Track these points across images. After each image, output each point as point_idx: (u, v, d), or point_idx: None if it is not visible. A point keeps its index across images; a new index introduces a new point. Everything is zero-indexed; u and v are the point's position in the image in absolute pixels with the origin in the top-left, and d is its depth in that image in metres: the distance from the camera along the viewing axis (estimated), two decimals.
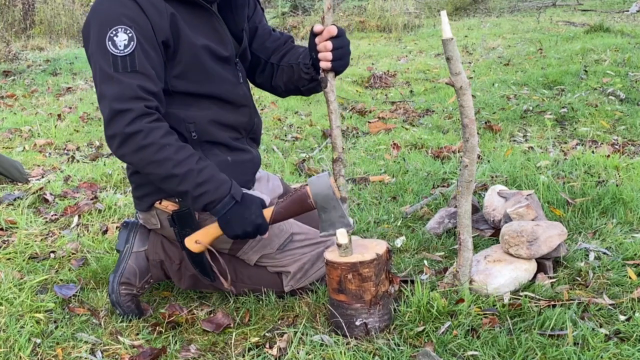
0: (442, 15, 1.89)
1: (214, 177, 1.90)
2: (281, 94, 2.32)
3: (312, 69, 2.07)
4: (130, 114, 1.82)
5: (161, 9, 1.90)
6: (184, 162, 1.87)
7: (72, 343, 1.99)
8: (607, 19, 9.79)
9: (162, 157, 1.85)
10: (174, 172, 1.86)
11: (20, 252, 2.67)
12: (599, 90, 5.05)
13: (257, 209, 1.93)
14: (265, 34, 2.26)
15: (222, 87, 2.07)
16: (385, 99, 5.62)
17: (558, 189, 2.83)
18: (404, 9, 11.72)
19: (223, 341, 1.97)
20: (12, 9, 11.43)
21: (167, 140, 1.86)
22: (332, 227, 1.92)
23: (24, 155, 4.24)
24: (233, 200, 1.91)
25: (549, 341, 1.81)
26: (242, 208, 1.91)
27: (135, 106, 1.83)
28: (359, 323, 1.89)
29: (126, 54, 1.85)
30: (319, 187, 1.90)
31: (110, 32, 1.85)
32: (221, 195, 1.90)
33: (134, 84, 1.84)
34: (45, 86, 7.00)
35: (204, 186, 1.88)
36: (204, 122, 2.04)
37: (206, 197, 1.89)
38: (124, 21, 1.85)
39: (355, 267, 1.86)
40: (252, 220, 1.91)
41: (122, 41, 1.85)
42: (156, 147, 1.84)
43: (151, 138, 1.84)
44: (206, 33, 2.01)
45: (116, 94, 1.84)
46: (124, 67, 1.85)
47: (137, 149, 1.85)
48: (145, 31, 1.88)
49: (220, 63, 2.05)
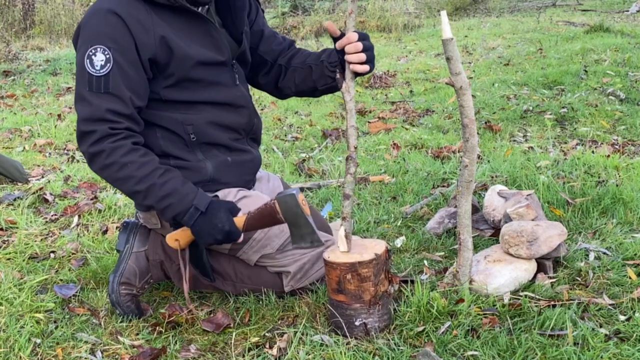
0: (442, 15, 1.90)
1: (177, 190, 1.93)
2: (287, 95, 2.32)
3: (340, 66, 2.05)
4: (94, 135, 1.88)
5: (148, 26, 1.92)
6: (146, 178, 1.90)
7: (72, 343, 1.99)
8: (607, 19, 9.79)
9: (123, 175, 1.90)
10: (136, 189, 1.92)
11: (20, 252, 2.67)
12: (599, 90, 5.05)
13: (224, 215, 1.94)
14: (271, 36, 2.28)
15: (218, 91, 2.07)
16: (385, 99, 5.62)
17: (558, 189, 2.83)
18: (404, 9, 11.73)
19: (223, 341, 1.98)
20: (12, 9, 11.44)
21: (129, 158, 1.90)
22: (302, 240, 1.96)
23: (24, 155, 4.24)
24: (198, 211, 1.93)
25: (549, 341, 1.81)
26: (208, 217, 1.93)
27: (99, 128, 1.88)
28: (358, 323, 1.89)
29: (101, 75, 1.89)
30: (286, 204, 1.93)
31: (90, 51, 1.89)
32: (185, 207, 1.92)
33: (102, 107, 1.88)
34: (45, 86, 7.00)
35: (167, 199, 1.92)
36: (203, 124, 2.05)
37: (171, 210, 1.93)
38: (104, 41, 1.88)
39: (354, 267, 1.86)
40: (220, 228, 1.93)
41: (99, 61, 1.89)
42: (117, 165, 1.89)
43: (112, 157, 1.89)
44: (200, 40, 2.01)
45: (85, 115, 1.90)
46: (97, 88, 1.89)
47: (101, 168, 1.92)
48: (126, 51, 1.90)
49: (215, 68, 2.06)
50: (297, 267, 2.13)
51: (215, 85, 2.06)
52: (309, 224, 1.93)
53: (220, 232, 1.93)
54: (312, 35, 10.49)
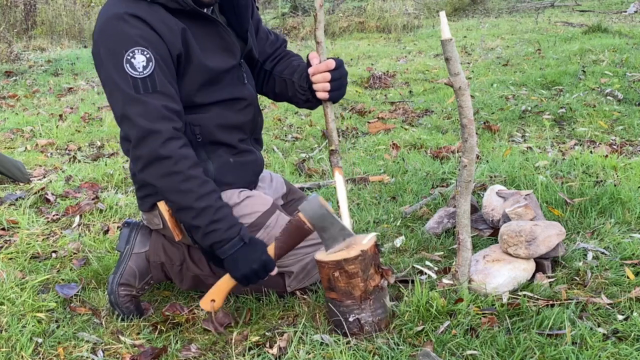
0: (441, 16, 1.91)
1: (228, 217, 1.91)
2: (270, 99, 2.35)
3: (309, 92, 2.11)
4: (161, 135, 1.83)
5: (172, 25, 1.91)
6: (205, 197, 1.88)
7: (73, 342, 2.00)
8: (605, 19, 9.79)
9: (186, 187, 1.86)
10: (193, 205, 1.88)
11: (22, 252, 2.68)
12: (597, 91, 5.06)
13: (262, 247, 1.95)
14: (264, 37, 2.28)
15: (228, 91, 2.08)
16: (384, 100, 5.63)
17: (556, 188, 2.84)
18: (403, 9, 11.74)
19: (223, 340, 1.99)
20: (13, 9, 11.44)
21: (194, 172, 1.87)
22: (335, 241, 1.93)
23: (25, 156, 4.25)
24: (241, 242, 1.92)
25: (547, 340, 1.82)
26: (248, 249, 1.92)
27: (163, 127, 1.84)
28: (352, 319, 1.90)
29: (146, 75, 1.85)
30: (311, 210, 1.92)
31: (127, 55, 1.84)
32: (231, 235, 1.91)
33: (158, 105, 1.85)
34: (47, 86, 7.00)
35: (217, 224, 1.89)
36: (210, 125, 2.04)
37: (216, 235, 1.90)
38: (140, 42, 1.85)
39: (340, 264, 1.87)
40: (258, 257, 1.92)
41: (140, 62, 1.85)
42: (183, 176, 1.86)
43: (180, 166, 1.85)
44: (214, 45, 2.02)
45: (143, 114, 1.84)
46: (145, 89, 1.85)
47: (164, 174, 1.86)
48: (160, 50, 1.88)
49: (228, 71, 2.06)
50: (300, 267, 2.14)
51: (225, 86, 2.07)
52: (336, 221, 1.92)
53: (258, 262, 1.92)
54: (312, 35, 10.49)
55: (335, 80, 2.02)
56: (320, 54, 2.02)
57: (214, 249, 1.93)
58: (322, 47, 2.01)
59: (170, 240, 2.17)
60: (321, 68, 2.02)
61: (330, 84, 2.02)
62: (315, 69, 2.03)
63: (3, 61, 8.53)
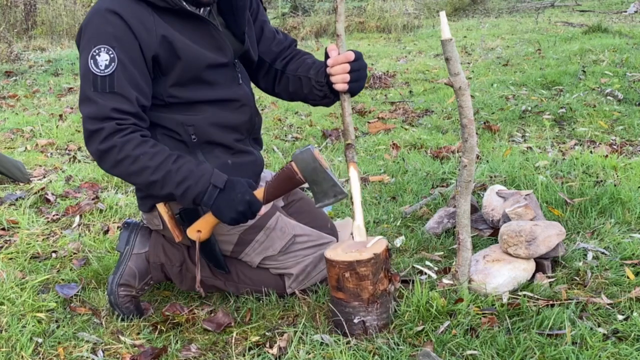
0: (441, 16, 1.91)
1: (193, 172, 1.93)
2: (284, 99, 2.33)
3: (327, 87, 2.10)
4: (103, 132, 1.88)
5: (149, 26, 1.92)
6: (160, 166, 1.90)
7: (73, 342, 2.00)
8: (605, 19, 9.80)
9: (138, 167, 1.89)
10: (152, 179, 1.91)
11: (22, 252, 2.69)
12: (597, 91, 5.06)
13: (242, 188, 1.95)
14: (271, 37, 2.27)
15: (221, 91, 2.07)
16: (384, 99, 5.63)
17: (556, 188, 2.84)
18: (403, 9, 11.74)
19: (223, 340, 1.99)
20: (14, 9, 11.44)
21: (141, 149, 1.89)
22: (326, 197, 1.94)
23: (25, 156, 4.25)
24: (216, 189, 1.93)
25: (547, 340, 1.82)
26: (227, 192, 1.93)
27: (106, 125, 1.88)
28: (357, 321, 1.90)
29: (106, 75, 1.89)
30: (303, 162, 1.92)
31: (94, 51, 1.89)
32: (203, 187, 1.92)
33: (108, 106, 1.88)
34: (47, 86, 7.01)
35: (184, 183, 1.91)
36: (204, 125, 2.04)
37: (190, 193, 1.92)
38: (108, 41, 1.89)
39: (352, 265, 1.87)
40: (240, 199, 1.92)
41: (103, 61, 1.89)
42: (131, 159, 1.89)
43: (125, 152, 1.88)
44: (203, 43, 2.02)
45: (90, 114, 1.89)
46: (102, 88, 1.89)
47: (114, 164, 1.91)
48: (130, 50, 1.90)
49: (218, 69, 2.06)
50: (300, 269, 2.14)
51: (218, 85, 2.07)
52: (329, 176, 1.92)
53: (241, 203, 1.92)
54: (312, 35, 10.50)
55: (354, 71, 2.01)
56: (339, 47, 2.01)
57: (197, 204, 1.95)
58: (342, 39, 1.99)
59: (170, 240, 2.17)
60: (340, 59, 2.00)
61: (350, 75, 2.00)
62: (334, 60, 2.01)
63: (3, 61, 8.53)
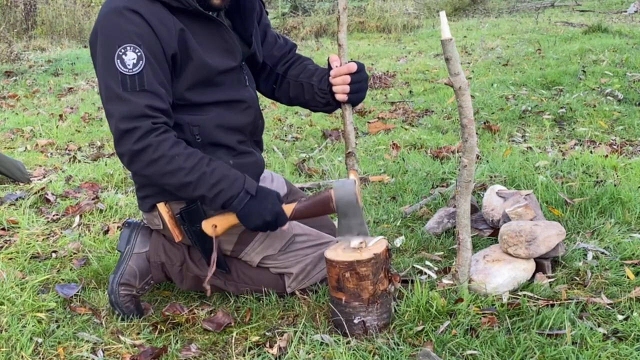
0: (441, 16, 1.91)
1: (227, 176, 1.93)
2: (283, 103, 2.35)
3: (329, 95, 2.12)
4: (138, 131, 1.85)
5: (169, 25, 1.91)
6: (195, 168, 1.89)
7: (73, 342, 2.00)
8: (605, 19, 9.80)
9: (173, 167, 1.88)
10: (186, 180, 1.89)
11: (22, 252, 2.69)
12: (597, 91, 5.06)
13: (273, 199, 1.97)
14: (273, 41, 2.29)
15: (228, 93, 2.08)
16: (384, 99, 5.63)
17: (556, 188, 2.85)
18: (403, 9, 11.74)
19: (223, 340, 1.99)
20: (14, 9, 11.44)
21: (176, 150, 1.88)
22: (349, 232, 1.95)
23: (25, 156, 4.25)
24: (248, 195, 1.94)
25: (547, 340, 1.82)
26: (258, 201, 1.95)
27: (142, 124, 1.85)
28: (357, 321, 1.90)
29: (135, 73, 1.86)
30: (343, 192, 1.93)
31: (119, 50, 1.86)
32: (236, 191, 1.92)
33: (142, 104, 1.86)
34: (47, 86, 7.01)
35: (218, 186, 1.91)
36: (209, 126, 2.04)
37: (222, 196, 1.92)
38: (133, 39, 1.86)
39: (352, 265, 1.87)
40: (270, 209, 1.94)
41: (131, 60, 1.86)
42: (166, 159, 1.87)
43: (160, 151, 1.86)
44: (215, 45, 2.02)
45: (123, 114, 1.85)
46: (132, 87, 1.86)
47: (148, 163, 1.88)
48: (154, 48, 1.89)
49: (228, 72, 2.06)
50: (300, 268, 2.14)
51: (225, 87, 2.07)
52: (360, 214, 1.93)
53: (270, 214, 1.94)
54: (312, 35, 10.51)
55: (355, 83, 2.04)
56: (341, 57, 2.04)
57: (226, 208, 1.95)
58: (344, 49, 2.03)
59: (171, 240, 2.17)
60: (343, 70, 2.03)
61: (350, 86, 2.04)
62: (337, 71, 2.04)
63: (3, 61, 8.54)
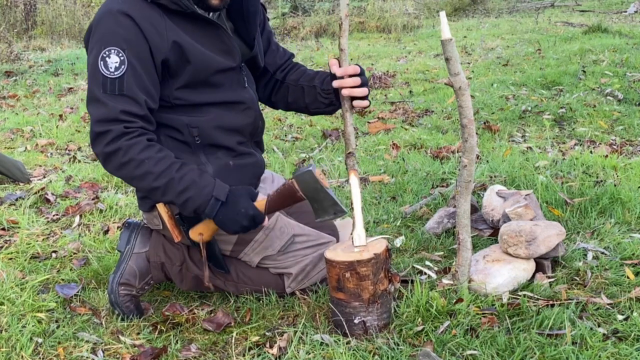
0: (441, 16, 1.91)
1: (195, 183, 1.92)
2: (279, 108, 2.37)
3: (333, 94, 2.13)
4: (109, 135, 1.88)
5: (161, 30, 1.92)
6: (164, 173, 1.90)
7: (73, 342, 2.00)
8: (605, 19, 9.80)
9: (141, 172, 1.89)
10: (154, 185, 1.91)
11: (22, 252, 2.69)
12: (597, 91, 5.07)
13: (245, 202, 1.95)
14: (275, 49, 2.31)
15: (227, 93, 2.08)
16: (384, 99, 5.63)
17: (556, 188, 2.85)
18: (403, 9, 11.74)
19: (223, 340, 1.99)
20: (13, 9, 11.44)
21: (146, 154, 1.89)
22: (325, 213, 1.97)
23: (25, 156, 4.25)
24: (218, 202, 1.93)
25: (547, 340, 1.82)
26: (230, 206, 1.93)
27: (114, 127, 1.88)
28: (357, 321, 1.90)
29: (116, 77, 1.88)
30: (304, 182, 1.94)
31: (104, 52, 1.89)
32: (205, 199, 1.92)
33: (117, 108, 1.88)
34: (47, 86, 7.01)
35: (186, 193, 1.91)
36: (209, 127, 2.05)
37: (191, 203, 1.92)
38: (119, 42, 1.88)
39: (353, 265, 1.87)
40: (244, 214, 1.93)
41: (113, 63, 1.88)
42: (135, 163, 1.89)
43: (129, 155, 1.88)
44: (212, 47, 2.02)
45: (99, 116, 1.89)
46: (112, 90, 1.89)
47: (118, 167, 1.91)
48: (141, 53, 1.90)
49: (224, 72, 2.07)
50: (299, 268, 2.14)
51: (224, 88, 2.08)
52: (329, 196, 1.94)
53: (245, 218, 1.93)
54: (312, 35, 10.51)
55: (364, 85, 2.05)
56: (342, 61, 2.04)
57: (199, 214, 1.96)
58: (345, 54, 2.04)
59: (171, 240, 2.17)
60: (349, 70, 2.03)
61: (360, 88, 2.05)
62: (344, 71, 2.03)
63: (3, 61, 8.53)
